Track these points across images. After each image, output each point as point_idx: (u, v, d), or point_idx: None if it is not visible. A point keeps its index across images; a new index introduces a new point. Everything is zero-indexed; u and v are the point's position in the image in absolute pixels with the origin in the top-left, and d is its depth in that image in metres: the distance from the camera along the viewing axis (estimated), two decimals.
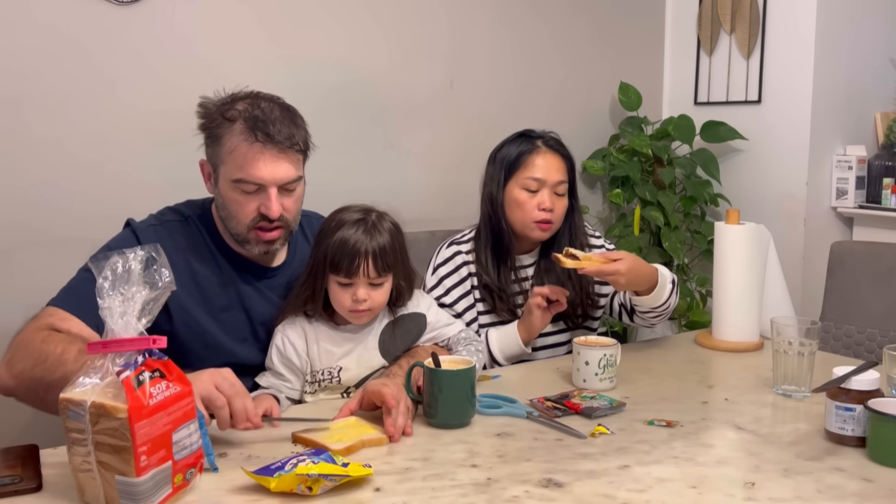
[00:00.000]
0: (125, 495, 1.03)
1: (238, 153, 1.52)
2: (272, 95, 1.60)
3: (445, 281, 1.92)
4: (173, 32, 2.19)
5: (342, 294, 1.55)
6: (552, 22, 2.92)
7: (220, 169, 1.56)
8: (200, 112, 1.58)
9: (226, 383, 1.28)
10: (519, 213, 1.91)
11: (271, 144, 1.51)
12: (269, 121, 1.52)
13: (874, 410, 1.26)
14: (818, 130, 2.87)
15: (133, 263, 1.08)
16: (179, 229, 1.63)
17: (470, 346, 1.67)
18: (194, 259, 1.61)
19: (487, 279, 1.92)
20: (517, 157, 1.92)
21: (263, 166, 1.51)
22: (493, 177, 1.95)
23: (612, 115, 3.13)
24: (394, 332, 1.64)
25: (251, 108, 1.53)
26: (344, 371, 1.60)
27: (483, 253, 1.94)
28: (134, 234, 1.59)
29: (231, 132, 1.52)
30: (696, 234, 2.99)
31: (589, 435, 1.36)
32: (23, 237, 2.02)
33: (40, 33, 2.01)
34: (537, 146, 1.93)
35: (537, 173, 1.90)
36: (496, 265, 1.94)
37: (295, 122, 1.58)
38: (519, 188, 1.91)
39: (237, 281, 1.63)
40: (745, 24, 2.98)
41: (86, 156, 2.09)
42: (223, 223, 1.62)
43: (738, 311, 1.94)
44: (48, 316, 1.46)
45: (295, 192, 1.59)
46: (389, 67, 2.59)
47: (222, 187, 1.57)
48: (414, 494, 1.13)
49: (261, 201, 1.54)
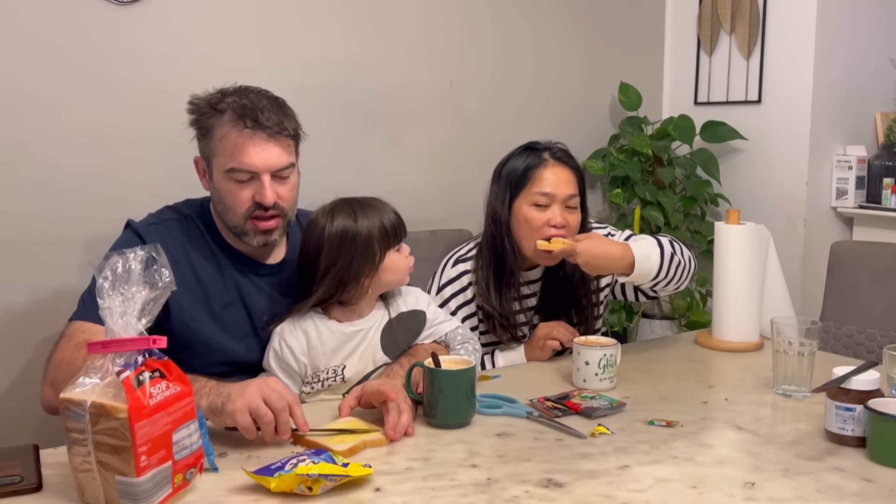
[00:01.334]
0: (125, 495, 1.03)
1: (228, 141, 1.54)
2: (260, 88, 1.62)
3: (451, 302, 1.86)
4: (173, 32, 2.19)
5: (400, 259, 1.64)
6: (552, 22, 2.92)
7: (213, 162, 1.58)
8: (190, 108, 1.60)
9: (274, 395, 1.26)
10: (527, 232, 1.81)
11: (260, 130, 1.53)
12: (258, 108, 1.55)
13: (874, 410, 1.26)
14: (818, 130, 2.87)
15: (133, 263, 1.08)
16: (179, 227, 1.64)
17: (467, 345, 1.67)
18: (195, 256, 1.62)
19: (488, 307, 1.83)
20: (524, 172, 1.83)
21: (254, 152, 1.53)
22: (498, 195, 1.85)
23: (612, 115, 3.13)
24: (394, 329, 1.65)
25: (239, 98, 1.56)
26: (347, 369, 1.60)
27: (484, 275, 1.85)
28: (136, 234, 1.60)
29: (221, 122, 1.55)
30: (696, 234, 2.99)
31: (589, 435, 1.36)
32: (23, 237, 2.02)
33: (40, 33, 2.01)
34: (545, 159, 1.83)
35: (547, 188, 1.80)
36: (497, 288, 1.84)
37: (283, 110, 1.60)
38: (528, 205, 1.81)
39: (237, 278, 1.64)
40: (745, 24, 2.98)
41: (86, 156, 2.09)
42: (220, 218, 1.63)
43: (738, 311, 1.94)
44: (80, 333, 1.47)
45: (289, 180, 1.60)
46: (389, 67, 2.58)
47: (216, 180, 1.58)
48: (414, 494, 1.13)
49: (255, 189, 1.56)
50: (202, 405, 1.27)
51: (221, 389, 1.30)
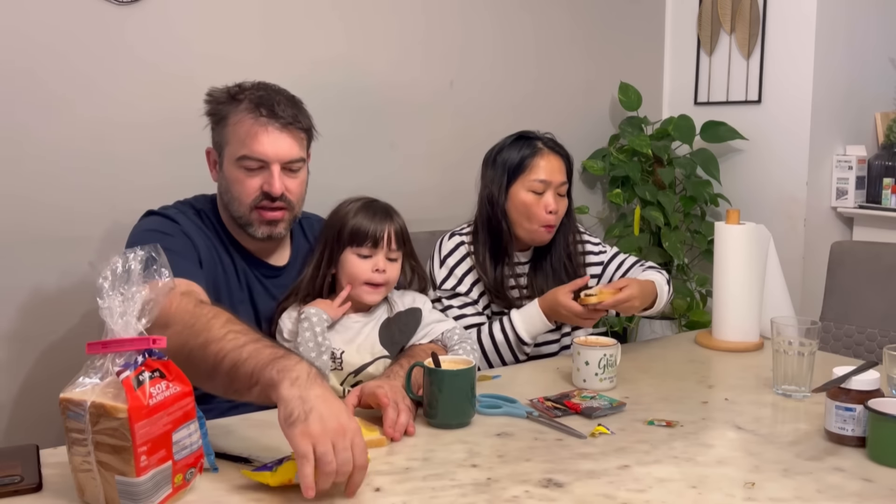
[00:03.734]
0: (125, 495, 1.03)
1: (242, 127, 1.56)
2: (279, 86, 1.66)
3: (456, 270, 1.95)
4: (173, 32, 2.19)
5: (361, 266, 1.63)
6: (552, 22, 2.92)
7: (225, 150, 1.60)
8: (208, 98, 1.64)
9: (346, 454, 1.08)
10: (526, 217, 1.93)
11: (274, 120, 1.56)
12: (274, 101, 1.58)
13: (874, 410, 1.26)
14: (818, 130, 2.87)
15: (133, 263, 1.08)
16: (199, 219, 1.66)
17: (464, 344, 1.68)
18: (216, 249, 1.63)
19: (484, 277, 1.94)
20: (521, 161, 1.94)
21: (267, 141, 1.56)
22: (494, 180, 1.96)
23: (612, 115, 3.13)
24: (392, 326, 1.67)
25: (257, 91, 1.60)
26: (346, 354, 1.62)
27: (480, 252, 1.96)
28: (167, 217, 1.60)
29: (237, 110, 1.58)
30: (696, 234, 2.99)
31: (589, 435, 1.36)
32: (23, 237, 2.02)
33: (40, 33, 2.01)
34: (539, 148, 1.95)
35: (542, 175, 1.92)
36: (493, 264, 1.95)
37: (299, 107, 1.64)
38: (525, 191, 1.93)
39: (249, 276, 1.65)
40: (745, 24, 2.98)
41: (86, 156, 2.09)
42: (227, 211, 1.65)
43: (738, 311, 1.94)
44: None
45: (298, 174, 1.63)
46: (389, 67, 2.59)
47: (226, 168, 1.60)
48: (414, 494, 1.13)
49: (264, 179, 1.58)
50: (271, 374, 1.14)
51: (310, 392, 1.11)
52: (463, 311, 1.91)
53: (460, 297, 1.92)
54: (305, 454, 1.06)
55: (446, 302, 1.92)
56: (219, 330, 1.23)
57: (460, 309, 1.91)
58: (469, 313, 1.91)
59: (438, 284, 1.93)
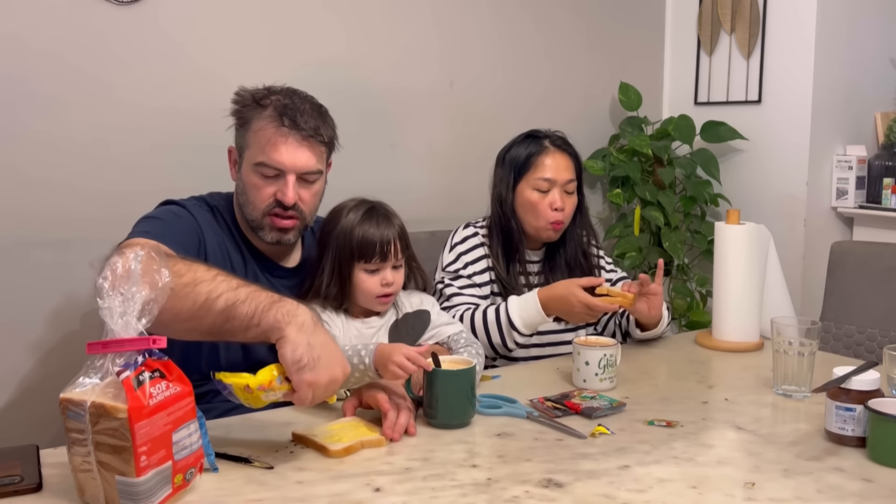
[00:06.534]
0: (125, 495, 1.03)
1: (263, 135, 1.57)
2: (307, 94, 1.66)
3: (464, 256, 1.98)
4: (173, 32, 2.19)
5: (370, 281, 1.62)
6: (552, 22, 2.92)
7: (245, 153, 1.61)
8: (235, 99, 1.64)
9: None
10: (532, 215, 1.96)
11: (296, 131, 1.57)
12: (299, 111, 1.59)
13: (874, 410, 1.26)
14: (818, 130, 2.87)
15: (133, 263, 1.08)
16: (212, 215, 1.67)
17: (470, 348, 1.67)
18: (228, 246, 1.64)
19: (498, 271, 1.97)
20: (526, 159, 1.97)
21: (285, 151, 1.57)
22: (503, 178, 2.00)
23: (612, 115, 3.13)
24: (400, 328, 1.68)
25: (283, 98, 1.61)
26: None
27: (494, 248, 1.99)
28: (182, 207, 1.62)
29: (260, 116, 1.59)
30: (696, 234, 2.99)
31: (589, 435, 1.36)
32: (22, 237, 2.02)
33: (39, 33, 2.01)
34: (545, 146, 1.98)
35: (548, 173, 1.95)
36: (506, 261, 1.98)
37: (324, 118, 1.65)
38: (530, 189, 1.96)
39: (259, 275, 1.66)
40: (745, 24, 2.98)
41: (86, 156, 2.09)
42: (240, 211, 1.66)
43: (738, 311, 1.94)
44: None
45: (314, 185, 1.64)
46: (389, 67, 2.58)
47: (244, 171, 1.62)
48: (414, 494, 1.13)
49: (279, 187, 1.59)
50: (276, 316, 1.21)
51: (316, 339, 1.22)
52: (461, 291, 1.92)
53: (462, 279, 1.94)
54: (305, 401, 1.19)
55: (448, 282, 1.94)
56: (206, 272, 1.26)
57: (460, 289, 1.93)
58: (467, 293, 1.92)
59: (444, 266, 1.96)
